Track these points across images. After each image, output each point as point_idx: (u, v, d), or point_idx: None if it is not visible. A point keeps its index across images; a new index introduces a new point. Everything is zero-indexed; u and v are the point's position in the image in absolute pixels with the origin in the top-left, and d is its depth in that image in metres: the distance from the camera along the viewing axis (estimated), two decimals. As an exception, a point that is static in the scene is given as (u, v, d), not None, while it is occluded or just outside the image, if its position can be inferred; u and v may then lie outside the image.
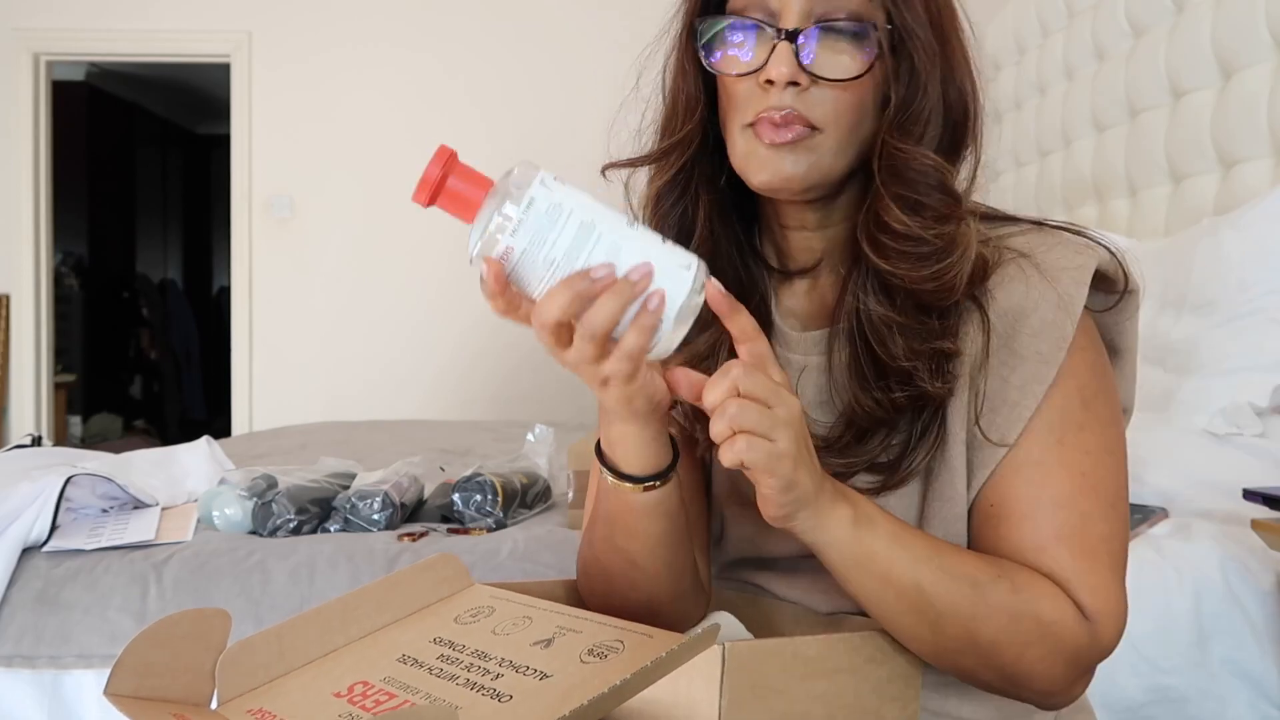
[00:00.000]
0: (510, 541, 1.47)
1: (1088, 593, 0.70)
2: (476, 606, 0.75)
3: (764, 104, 0.72)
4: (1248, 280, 1.62)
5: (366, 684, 0.66)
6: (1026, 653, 0.69)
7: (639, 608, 0.77)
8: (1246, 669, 1.23)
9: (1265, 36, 1.88)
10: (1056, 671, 0.70)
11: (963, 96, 0.75)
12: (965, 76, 0.76)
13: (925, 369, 0.72)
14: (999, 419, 0.73)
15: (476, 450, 2.38)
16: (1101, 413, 0.74)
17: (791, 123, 0.72)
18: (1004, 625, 0.68)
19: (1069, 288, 0.73)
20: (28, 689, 1.35)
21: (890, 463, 0.76)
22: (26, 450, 1.94)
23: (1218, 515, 1.35)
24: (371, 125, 4.49)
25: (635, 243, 0.61)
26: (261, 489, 1.57)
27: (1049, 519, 0.71)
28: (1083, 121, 2.58)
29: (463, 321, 4.48)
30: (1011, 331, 0.73)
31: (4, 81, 4.47)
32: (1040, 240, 0.76)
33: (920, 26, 0.72)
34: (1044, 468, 0.72)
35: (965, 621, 0.68)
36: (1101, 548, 0.71)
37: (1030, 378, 0.72)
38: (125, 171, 7.23)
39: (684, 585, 0.79)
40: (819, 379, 0.81)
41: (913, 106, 0.73)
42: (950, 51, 0.74)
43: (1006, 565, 0.71)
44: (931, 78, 0.73)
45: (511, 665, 0.62)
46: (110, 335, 6.99)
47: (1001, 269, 0.74)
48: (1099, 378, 0.75)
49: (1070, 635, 0.69)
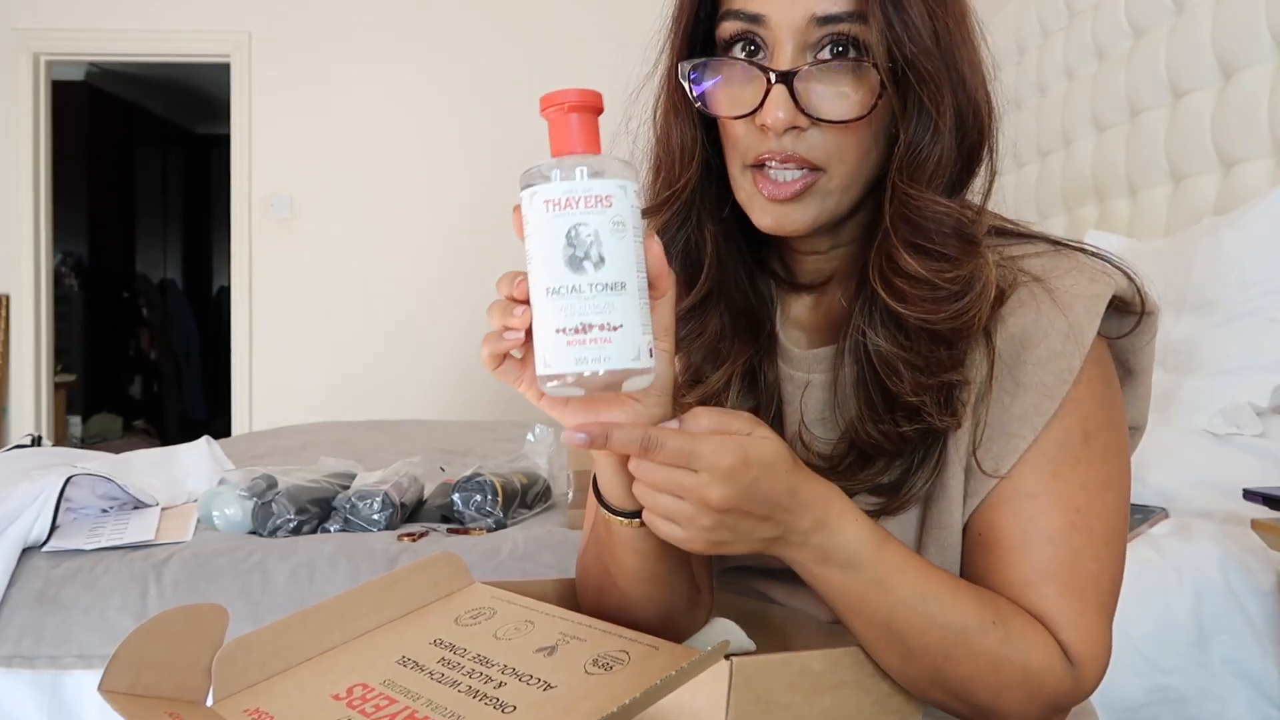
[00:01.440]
0: (510, 542, 1.47)
1: (1074, 635, 0.68)
2: (477, 607, 0.74)
3: (763, 147, 0.69)
4: (1248, 280, 1.62)
5: (366, 686, 0.66)
6: (1003, 695, 0.68)
7: (629, 624, 0.76)
8: (1246, 669, 1.23)
9: (1265, 36, 1.88)
10: (1032, 713, 0.68)
11: (977, 111, 0.69)
12: (979, 86, 0.70)
13: (933, 403, 0.69)
14: (994, 448, 0.70)
15: (476, 450, 2.38)
16: (1102, 446, 0.71)
17: (791, 163, 0.69)
18: (982, 669, 0.67)
19: (1080, 317, 0.69)
20: (27, 689, 1.35)
21: (892, 485, 0.74)
22: (26, 450, 1.94)
23: (1218, 515, 1.35)
24: (372, 125, 4.49)
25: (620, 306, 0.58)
26: (261, 489, 1.57)
27: (1038, 554, 0.69)
28: (1083, 121, 2.58)
29: (463, 321, 4.48)
30: (1017, 359, 0.70)
31: (4, 81, 4.47)
32: (1055, 264, 0.72)
33: (926, 56, 0.66)
34: (1036, 501, 0.70)
35: (937, 661, 0.67)
36: (1090, 587, 0.69)
37: (1031, 409, 0.70)
38: (125, 171, 7.23)
39: (673, 612, 0.76)
40: (823, 395, 0.79)
41: (922, 145, 0.67)
42: (961, 67, 0.68)
43: (1004, 610, 0.68)
44: (943, 106, 0.67)
45: (515, 673, 0.62)
46: (110, 335, 6.99)
47: (1014, 292, 0.71)
48: (1104, 409, 0.72)
49: (1054, 682, 0.67)
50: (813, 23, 0.66)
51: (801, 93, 0.67)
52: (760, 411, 0.80)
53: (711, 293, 0.79)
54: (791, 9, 0.67)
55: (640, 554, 0.69)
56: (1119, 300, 0.72)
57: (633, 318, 0.57)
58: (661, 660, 0.58)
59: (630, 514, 0.67)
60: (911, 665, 0.68)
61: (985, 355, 0.71)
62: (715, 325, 0.79)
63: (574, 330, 0.57)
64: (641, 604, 0.73)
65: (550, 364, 0.58)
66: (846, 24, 0.66)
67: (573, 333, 0.57)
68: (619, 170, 0.58)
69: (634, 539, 0.69)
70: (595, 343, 0.56)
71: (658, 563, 0.70)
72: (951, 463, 0.72)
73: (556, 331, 0.57)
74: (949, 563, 0.73)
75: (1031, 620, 0.68)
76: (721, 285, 0.78)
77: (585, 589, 0.80)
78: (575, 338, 0.57)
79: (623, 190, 0.58)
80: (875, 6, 0.65)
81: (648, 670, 0.57)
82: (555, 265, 0.57)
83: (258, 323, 4.54)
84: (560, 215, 0.57)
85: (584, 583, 0.81)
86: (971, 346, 0.71)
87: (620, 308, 0.57)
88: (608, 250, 0.57)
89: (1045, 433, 0.70)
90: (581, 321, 0.56)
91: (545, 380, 0.59)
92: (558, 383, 0.58)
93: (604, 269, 0.57)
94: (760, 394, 0.80)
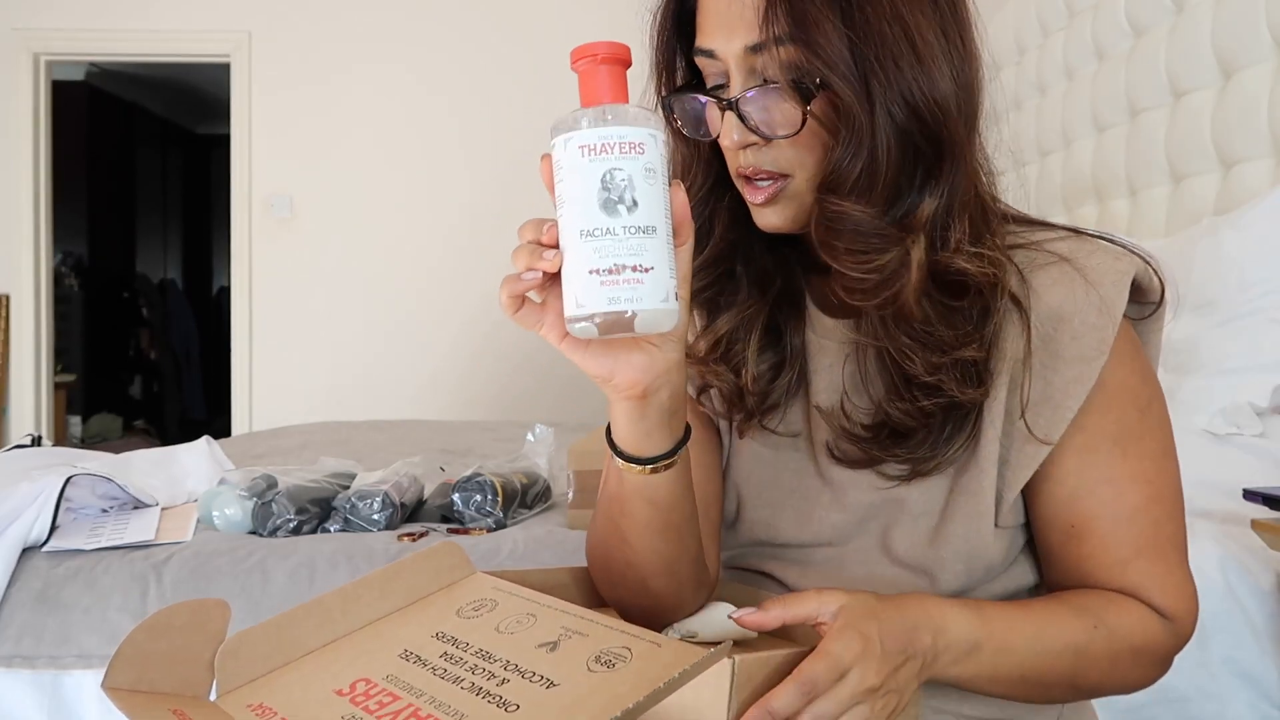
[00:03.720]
0: (510, 542, 1.47)
1: (1167, 596, 0.75)
2: (479, 599, 0.74)
3: (736, 162, 0.75)
4: (1248, 280, 1.62)
5: (369, 682, 0.66)
6: (1128, 677, 0.76)
7: (635, 586, 0.78)
8: (1246, 669, 1.23)
9: (1265, 36, 1.88)
10: (1151, 675, 0.77)
11: (934, 108, 0.70)
12: (939, 81, 0.70)
13: (951, 378, 0.73)
14: (1042, 419, 0.75)
15: (476, 450, 2.38)
16: (1156, 417, 0.78)
17: (760, 174, 0.74)
18: (1104, 669, 0.74)
19: (1110, 291, 0.74)
20: (27, 689, 1.35)
21: (925, 455, 0.77)
22: (26, 450, 1.94)
23: (1217, 515, 1.35)
24: (371, 125, 4.50)
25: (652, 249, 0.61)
26: (261, 489, 1.57)
27: (1126, 534, 0.75)
28: (1083, 121, 2.58)
29: (463, 321, 4.48)
30: (1053, 333, 0.74)
31: (4, 81, 4.48)
32: (1079, 246, 0.77)
33: (842, 79, 0.68)
34: (1116, 485, 0.75)
35: (1067, 681, 0.74)
36: (1170, 547, 0.76)
37: (1073, 378, 0.74)
38: (125, 171, 7.23)
39: (679, 573, 0.78)
40: (854, 368, 0.82)
41: (843, 163, 0.70)
42: (897, 76, 0.69)
43: (1095, 608, 0.74)
44: (864, 123, 0.69)
45: (517, 669, 0.62)
46: (110, 335, 6.99)
47: (1045, 270, 0.76)
48: (1147, 383, 0.77)
49: (1158, 645, 0.75)
50: (747, 52, 0.71)
51: (749, 115, 0.72)
52: (782, 370, 0.84)
53: (730, 250, 0.82)
54: (730, 41, 0.72)
55: (652, 503, 0.73)
56: (1135, 283, 0.76)
57: (662, 261, 0.60)
58: (664, 658, 0.58)
59: (642, 460, 0.70)
60: (1049, 694, 0.76)
61: (1022, 327, 0.75)
62: (736, 282, 0.84)
63: (608, 271, 0.59)
64: (649, 558, 0.76)
65: (583, 304, 0.60)
66: (772, 50, 0.70)
67: (606, 273, 0.59)
68: (648, 120, 0.61)
69: (645, 487, 0.72)
70: (628, 283, 0.59)
71: (669, 514, 0.73)
72: (987, 433, 0.76)
73: (590, 272, 0.59)
74: (980, 530, 0.77)
75: (1122, 603, 0.75)
76: (737, 249, 0.82)
77: (593, 552, 0.83)
78: (609, 278, 0.59)
79: (653, 139, 0.61)
80: (786, 35, 0.69)
81: (650, 668, 0.57)
82: (590, 208, 0.60)
83: (258, 323, 4.54)
84: (596, 160, 0.60)
85: (592, 546, 0.83)
86: (1005, 319, 0.75)
87: (651, 250, 0.60)
88: (640, 195, 0.60)
89: (1106, 417, 0.75)
90: (615, 263, 0.59)
91: (574, 321, 0.61)
92: (586, 323, 0.60)
93: (637, 212, 0.60)
94: (783, 353, 0.85)
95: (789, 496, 0.84)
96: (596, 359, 0.65)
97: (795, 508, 0.84)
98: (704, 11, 0.74)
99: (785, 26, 0.68)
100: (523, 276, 0.62)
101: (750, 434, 0.86)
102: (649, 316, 0.60)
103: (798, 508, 0.84)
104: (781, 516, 0.84)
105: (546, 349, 0.71)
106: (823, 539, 0.82)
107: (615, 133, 0.60)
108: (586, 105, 0.62)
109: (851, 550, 0.82)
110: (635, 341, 0.65)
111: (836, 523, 0.82)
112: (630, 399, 0.67)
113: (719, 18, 0.72)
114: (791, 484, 0.85)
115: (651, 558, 0.76)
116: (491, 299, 4.39)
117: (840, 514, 0.82)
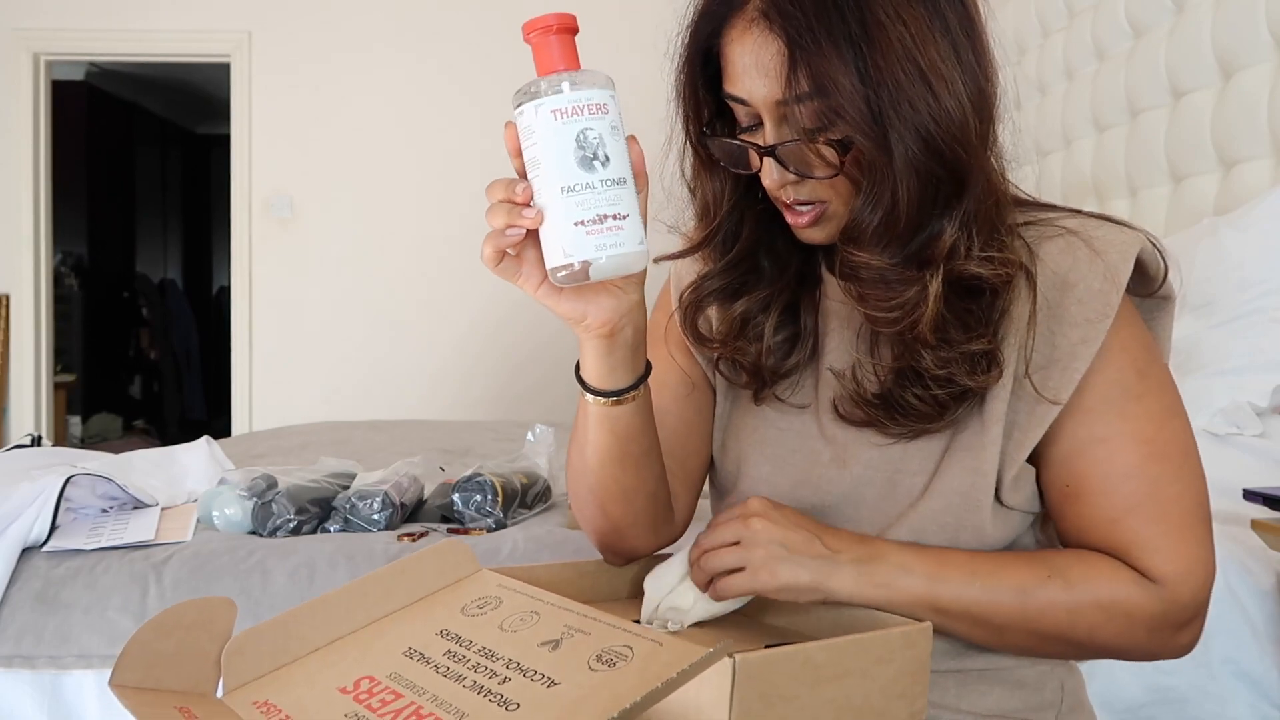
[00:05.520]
0: (510, 542, 1.47)
1: (1159, 557, 0.75)
2: (484, 596, 0.74)
3: (775, 193, 0.79)
4: (1248, 280, 1.62)
5: (373, 680, 0.66)
6: (1098, 633, 0.75)
7: (595, 510, 0.85)
8: (1246, 669, 1.23)
9: (1265, 36, 1.88)
10: (1140, 639, 0.76)
11: (951, 139, 0.71)
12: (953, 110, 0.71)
13: (962, 370, 0.75)
14: (1051, 380, 0.76)
15: (476, 450, 2.38)
16: (1158, 380, 0.77)
17: (799, 204, 0.78)
18: (1062, 619, 0.75)
19: (1115, 260, 0.76)
20: (27, 689, 1.34)
21: (926, 423, 0.79)
22: (26, 450, 1.94)
23: (1218, 515, 1.35)
24: (371, 125, 4.50)
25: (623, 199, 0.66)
26: (261, 489, 1.57)
27: (1119, 492, 0.75)
28: (1083, 121, 2.58)
29: (463, 321, 4.48)
30: (1059, 298, 0.76)
31: (4, 81, 4.48)
32: (1086, 221, 0.80)
33: (856, 125, 0.70)
34: (1109, 444, 0.76)
35: (1025, 624, 0.75)
36: (1173, 509, 0.75)
37: (1079, 340, 0.75)
38: (125, 171, 7.23)
39: (634, 503, 0.84)
40: (870, 331, 0.83)
41: (862, 215, 0.73)
42: (913, 115, 0.70)
43: (1057, 561, 0.76)
44: (885, 173, 0.71)
45: (519, 668, 0.62)
46: (110, 335, 6.99)
47: (1053, 241, 0.78)
48: (1148, 350, 0.78)
49: (1137, 606, 0.74)
50: (776, 105, 0.74)
51: (785, 158, 0.76)
52: (797, 343, 0.88)
53: (755, 246, 0.86)
54: (759, 93, 0.75)
55: (613, 434, 0.80)
56: (1140, 262, 0.78)
57: (634, 208, 0.67)
58: (664, 657, 0.58)
59: (607, 393, 0.77)
60: (1008, 638, 0.76)
61: (1029, 292, 0.77)
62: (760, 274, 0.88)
63: (592, 221, 0.65)
64: (608, 485, 0.83)
65: (571, 253, 0.65)
66: (797, 106, 0.73)
67: (591, 223, 0.65)
68: (605, 82, 0.67)
69: (606, 418, 0.79)
70: (611, 230, 0.65)
71: (627, 444, 0.80)
72: (991, 394, 0.77)
73: (575, 224, 0.65)
74: (978, 486, 0.78)
75: (1091, 559, 0.76)
76: (761, 241, 0.86)
77: (570, 484, 0.89)
78: (594, 227, 0.65)
79: (612, 99, 0.67)
80: (808, 94, 0.71)
81: (650, 668, 0.57)
82: (568, 166, 0.65)
83: (258, 323, 4.54)
84: (568, 122, 0.65)
85: (569, 477, 0.89)
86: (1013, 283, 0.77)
87: (625, 200, 0.66)
88: (610, 150, 0.66)
89: (1102, 376, 0.76)
90: (597, 213, 0.65)
91: (558, 270, 0.67)
92: (567, 272, 0.66)
93: (610, 166, 0.65)
94: (799, 328, 0.88)
95: (791, 455, 0.87)
96: (570, 303, 0.71)
97: (797, 465, 0.86)
98: (730, 61, 0.76)
99: (806, 86, 0.71)
100: (506, 233, 0.67)
101: (764, 403, 0.90)
102: (630, 258, 0.66)
103: (799, 465, 0.86)
104: (782, 473, 0.86)
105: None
106: (823, 502, 0.84)
107: (583, 95, 0.65)
108: (544, 74, 0.66)
109: (849, 507, 0.83)
110: (603, 285, 0.71)
111: (836, 478, 0.83)
112: (600, 337, 0.74)
113: (746, 71, 0.74)
114: (794, 444, 0.87)
115: (610, 485, 0.82)
116: (492, 299, 4.39)
117: (840, 470, 0.83)
